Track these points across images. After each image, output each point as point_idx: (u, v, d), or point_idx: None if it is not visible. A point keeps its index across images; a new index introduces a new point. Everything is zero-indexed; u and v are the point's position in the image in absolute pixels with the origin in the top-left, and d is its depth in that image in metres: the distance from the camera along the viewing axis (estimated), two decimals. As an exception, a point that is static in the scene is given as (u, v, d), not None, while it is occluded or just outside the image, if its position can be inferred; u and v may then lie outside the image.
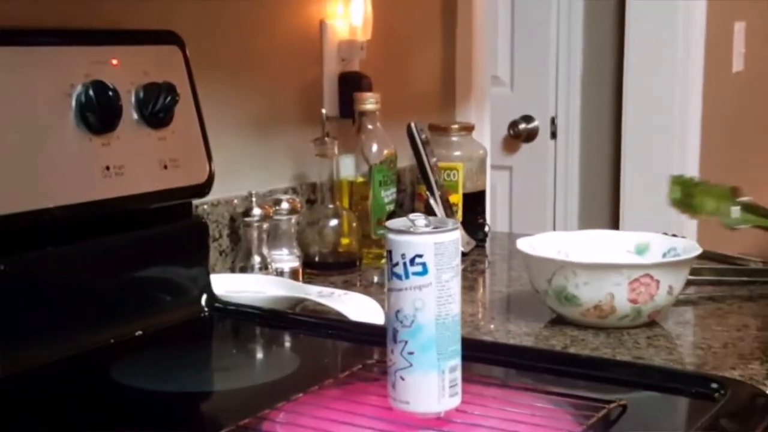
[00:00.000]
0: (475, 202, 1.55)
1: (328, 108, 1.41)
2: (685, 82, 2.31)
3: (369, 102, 1.38)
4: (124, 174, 0.97)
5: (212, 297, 1.08)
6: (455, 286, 0.73)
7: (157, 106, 0.99)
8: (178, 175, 1.03)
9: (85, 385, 0.87)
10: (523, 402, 0.78)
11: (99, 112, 0.94)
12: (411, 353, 0.73)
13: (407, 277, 0.72)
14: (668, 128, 2.34)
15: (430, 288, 0.72)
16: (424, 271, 0.72)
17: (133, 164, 0.98)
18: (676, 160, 2.34)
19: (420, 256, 0.72)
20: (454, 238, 0.73)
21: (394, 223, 0.74)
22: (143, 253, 1.01)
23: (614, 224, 2.44)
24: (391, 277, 0.73)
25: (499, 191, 2.59)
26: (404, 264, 0.72)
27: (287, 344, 1.04)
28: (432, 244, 0.72)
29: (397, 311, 0.73)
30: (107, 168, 0.95)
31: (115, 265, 0.98)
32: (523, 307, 1.19)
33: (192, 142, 1.06)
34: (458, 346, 0.74)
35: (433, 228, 0.73)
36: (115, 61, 0.98)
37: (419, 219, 0.73)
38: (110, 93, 0.95)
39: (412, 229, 0.73)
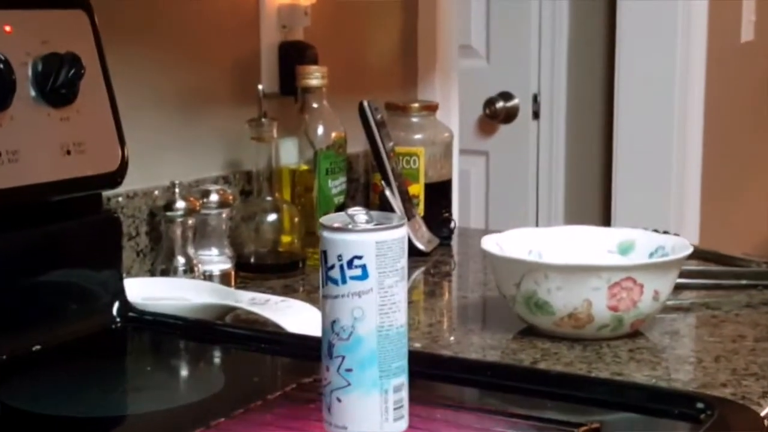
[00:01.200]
0: (439, 194, 1.56)
1: (266, 84, 1.41)
2: (687, 54, 2.34)
3: (314, 77, 1.38)
4: (18, 161, 0.96)
5: (126, 305, 1.07)
6: (400, 291, 0.74)
7: (58, 81, 0.99)
8: (84, 162, 1.02)
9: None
10: (480, 426, 0.79)
11: (-12, 87, 0.93)
12: (349, 370, 0.73)
13: (344, 281, 0.73)
14: (667, 107, 2.36)
15: (371, 294, 0.72)
16: (364, 275, 0.72)
17: (29, 149, 0.97)
18: (676, 143, 2.37)
19: (359, 257, 0.72)
20: (399, 236, 0.73)
21: (329, 218, 0.74)
22: (43, 254, 1.01)
23: (605, 219, 2.47)
24: (326, 282, 0.73)
25: (474, 180, 2.60)
26: (341, 267, 0.72)
27: (212, 360, 1.04)
28: (373, 244, 0.72)
29: (333, 322, 0.73)
30: (-2, 154, 0.94)
31: (9, 267, 0.98)
32: (491, 316, 1.20)
33: (100, 124, 1.05)
34: (404, 362, 0.75)
35: (375, 224, 0.73)
36: (7, 28, 0.97)
37: (359, 214, 0.74)
38: (1, 65, 0.94)
39: (350, 226, 0.73)
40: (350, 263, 0.72)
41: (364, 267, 0.72)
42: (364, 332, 0.73)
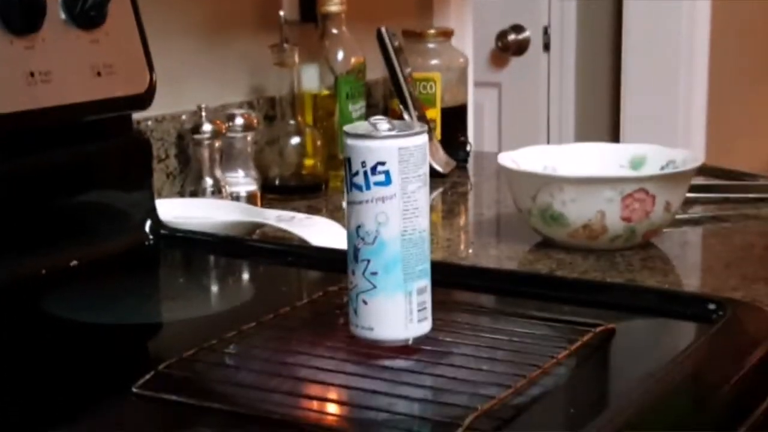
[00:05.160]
0: (455, 118, 1.54)
1: (287, 10, 1.39)
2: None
3: (333, 3, 1.36)
4: (51, 81, 0.94)
5: (158, 223, 1.06)
6: (422, 197, 0.72)
7: (87, 4, 0.97)
8: (114, 84, 1.01)
9: (10, 317, 0.86)
10: (500, 327, 0.78)
11: (20, 9, 0.91)
12: (374, 273, 0.72)
13: (368, 187, 0.71)
14: (674, 38, 2.32)
15: (395, 200, 0.71)
16: (387, 181, 0.71)
17: (61, 70, 0.95)
18: (683, 73, 2.33)
19: (382, 163, 0.71)
20: (421, 142, 0.72)
21: (353, 127, 0.73)
22: (76, 173, 1.00)
23: (614, 145, 2.44)
24: (350, 188, 0.72)
25: (487, 111, 2.57)
26: (365, 173, 0.71)
27: (242, 273, 1.04)
28: (396, 150, 0.71)
29: (358, 227, 0.72)
30: (31, 74, 0.93)
31: (44, 185, 0.97)
32: (507, 230, 1.19)
33: (129, 46, 1.03)
34: (427, 265, 0.74)
35: (398, 132, 0.72)
36: (37, -48, 0.95)
37: (382, 122, 0.72)
38: (32, -12, 0.92)
39: (373, 134, 0.71)
40: (374, 169, 0.71)
41: (387, 173, 0.71)
42: (388, 236, 0.72)
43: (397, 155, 0.71)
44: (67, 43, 0.96)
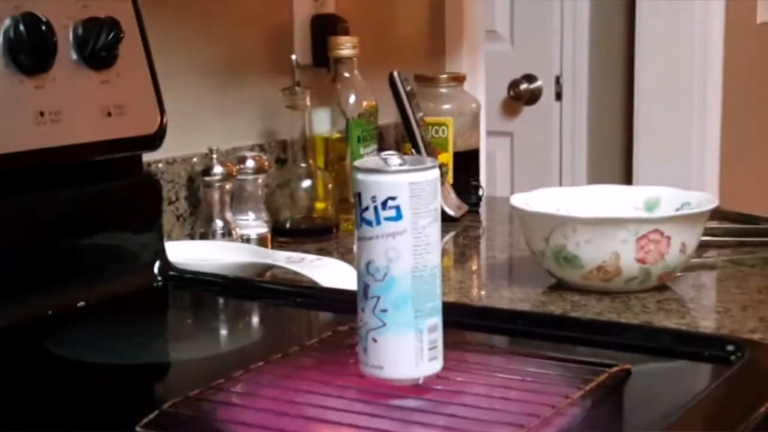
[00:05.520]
0: (467, 162, 1.53)
1: (300, 54, 1.39)
2: (705, 35, 2.29)
3: (345, 47, 1.36)
4: (61, 121, 0.94)
5: (166, 264, 1.06)
6: (434, 233, 0.71)
7: (98, 44, 0.97)
8: (124, 124, 1.00)
9: (16, 358, 0.85)
10: (513, 367, 0.76)
11: (31, 49, 0.91)
12: (384, 311, 0.71)
13: (378, 222, 0.70)
14: (687, 87, 2.32)
15: (405, 235, 0.70)
16: (398, 216, 0.70)
17: (71, 110, 0.95)
18: (696, 123, 2.32)
19: (393, 198, 0.70)
20: (432, 177, 0.71)
21: (363, 162, 0.72)
22: (85, 213, 0.99)
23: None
24: (360, 224, 0.71)
25: (499, 160, 2.57)
26: (375, 208, 0.70)
27: (251, 313, 1.02)
28: (407, 185, 0.70)
29: (368, 263, 0.71)
30: (41, 114, 0.93)
31: (53, 225, 0.96)
32: (520, 273, 1.18)
33: (140, 87, 1.03)
34: (438, 303, 0.72)
35: (409, 166, 0.71)
36: (49, -7, 0.95)
37: (393, 157, 0.71)
38: (43, 27, 0.92)
39: (383, 168, 0.70)
40: (384, 204, 0.70)
41: (398, 208, 0.70)
42: (398, 273, 0.70)
43: (408, 190, 0.70)
44: (77, 84, 0.96)
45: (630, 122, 2.42)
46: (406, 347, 0.71)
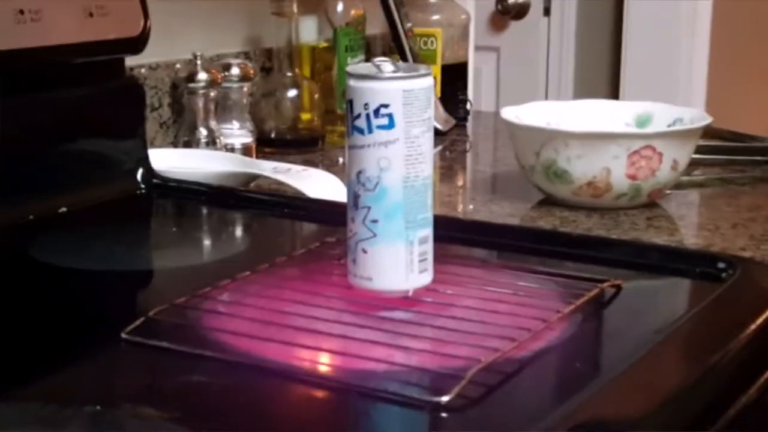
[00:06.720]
0: (455, 76, 1.50)
1: (287, -40, 1.35)
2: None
3: (334, -47, 1.32)
4: (41, 20, 0.91)
5: (150, 172, 1.03)
6: (426, 142, 0.69)
7: (79, -59, 0.93)
8: (107, 26, 0.97)
9: (-3, 263, 0.83)
10: (504, 281, 0.75)
11: (9, -56, 0.88)
12: (375, 221, 0.69)
13: (370, 131, 0.68)
14: (676, 1, 2.28)
15: (398, 144, 0.68)
16: (391, 124, 0.68)
17: (52, 8, 0.92)
18: (684, 40, 2.29)
19: (386, 106, 0.68)
20: (426, 85, 0.69)
21: (356, 68, 0.70)
22: (66, 117, 0.97)
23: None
24: (351, 132, 0.69)
25: (485, 75, 2.53)
26: (367, 116, 0.68)
27: (236, 223, 1.01)
28: (400, 92, 0.68)
29: (359, 172, 0.69)
30: (21, 12, 0.89)
31: (33, 129, 0.93)
32: (508, 188, 1.16)
33: (123, -12, 1.00)
34: (429, 214, 0.71)
35: (403, 73, 0.68)
36: None
37: (386, 64, 0.69)
38: None
39: (377, 75, 0.68)
40: (377, 112, 0.68)
41: (390, 116, 0.68)
42: (390, 183, 0.69)
43: (402, 97, 0.68)
44: (58, -19, 0.93)
45: (618, 38, 2.38)
46: (397, 259, 0.70)
